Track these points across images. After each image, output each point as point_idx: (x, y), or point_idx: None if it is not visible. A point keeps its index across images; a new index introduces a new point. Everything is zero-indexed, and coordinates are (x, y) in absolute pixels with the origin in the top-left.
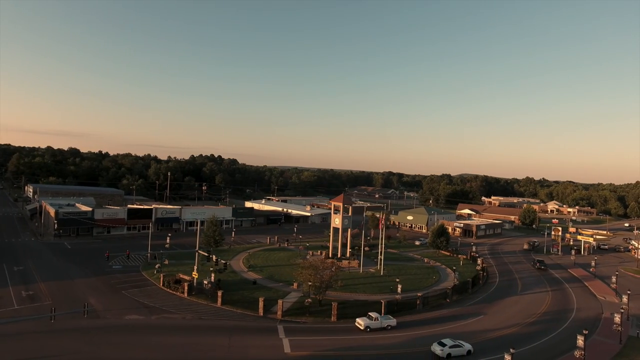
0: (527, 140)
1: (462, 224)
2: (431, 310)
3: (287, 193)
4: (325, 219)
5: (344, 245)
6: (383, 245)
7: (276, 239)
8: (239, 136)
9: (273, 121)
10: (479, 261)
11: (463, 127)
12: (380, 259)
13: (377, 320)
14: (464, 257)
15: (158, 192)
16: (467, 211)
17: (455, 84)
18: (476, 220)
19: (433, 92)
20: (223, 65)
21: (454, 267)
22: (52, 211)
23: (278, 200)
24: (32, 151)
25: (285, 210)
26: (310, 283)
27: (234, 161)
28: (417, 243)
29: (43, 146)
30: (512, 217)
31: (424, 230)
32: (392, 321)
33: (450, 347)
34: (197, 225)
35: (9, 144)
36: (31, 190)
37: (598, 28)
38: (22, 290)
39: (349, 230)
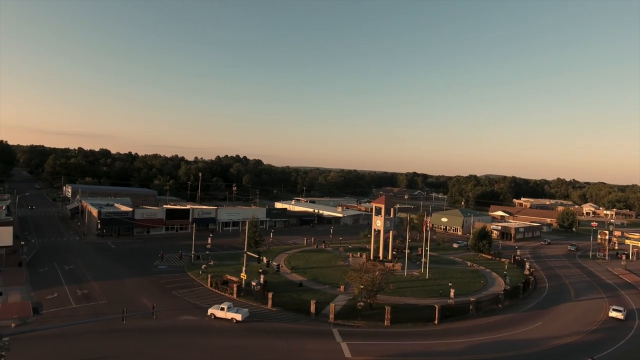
0: (553, 140)
1: (499, 227)
2: (484, 315)
3: (313, 194)
4: (357, 220)
5: (386, 248)
6: (428, 249)
7: (312, 240)
8: (259, 137)
9: (293, 122)
10: (527, 265)
11: (487, 127)
12: (425, 262)
13: (225, 310)
14: (508, 260)
15: (190, 192)
16: (499, 213)
17: (476, 83)
18: (514, 223)
19: (454, 91)
20: (238, 65)
21: (505, 272)
22: (94, 211)
23: (306, 201)
24: (65, 152)
25: (316, 211)
26: (362, 286)
27: (259, 162)
28: (456, 245)
29: (72, 147)
30: (549, 220)
31: (459, 233)
32: (239, 314)
33: None
34: (240, 226)
35: (43, 145)
36: (70, 191)
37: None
38: (77, 289)
39: (391, 232)
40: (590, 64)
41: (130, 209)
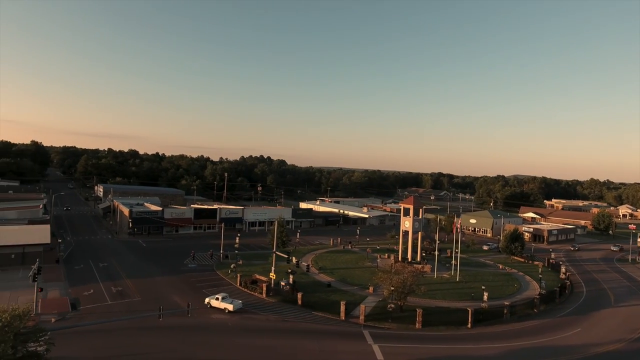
0: (585, 140)
1: (531, 229)
2: (519, 320)
3: (337, 194)
4: (383, 221)
5: (414, 249)
6: (458, 251)
7: (339, 240)
8: (282, 137)
9: (315, 122)
10: (562, 269)
11: (514, 126)
12: (455, 264)
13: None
14: (541, 264)
15: (216, 192)
16: (530, 215)
17: (503, 81)
18: (546, 225)
19: (479, 89)
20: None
21: (540, 276)
22: (126, 211)
23: (330, 202)
24: (95, 153)
25: (342, 211)
26: (392, 288)
27: (283, 162)
28: (486, 248)
29: (101, 148)
30: (583, 222)
31: (489, 235)
32: (231, 305)
33: None
34: (266, 226)
35: (75, 146)
36: (101, 190)
37: None
38: (112, 286)
39: (419, 233)
40: (625, 60)
41: (160, 209)
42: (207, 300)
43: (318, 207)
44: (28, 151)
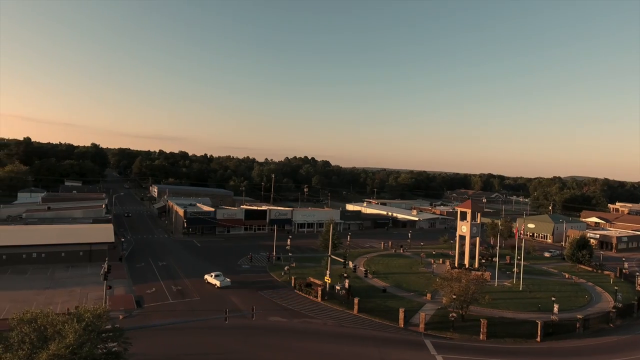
0: None
1: (597, 235)
2: (593, 335)
3: (383, 196)
4: (433, 224)
5: (472, 255)
6: (522, 258)
7: (390, 244)
8: (324, 137)
9: (359, 122)
10: (638, 280)
11: (570, 125)
12: (517, 272)
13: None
14: (612, 274)
15: (263, 193)
16: (594, 219)
17: (557, 79)
18: (614, 231)
19: (532, 88)
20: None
21: (616, 287)
22: (180, 211)
23: (377, 203)
24: (148, 154)
25: (391, 214)
26: (454, 296)
27: (327, 163)
28: (547, 255)
29: (152, 149)
30: None
31: (549, 240)
32: (218, 281)
33: None
34: (315, 228)
35: (129, 148)
36: (155, 190)
37: None
38: (172, 285)
39: (477, 239)
40: None
41: (213, 209)
42: (205, 276)
43: (365, 209)
44: (89, 153)
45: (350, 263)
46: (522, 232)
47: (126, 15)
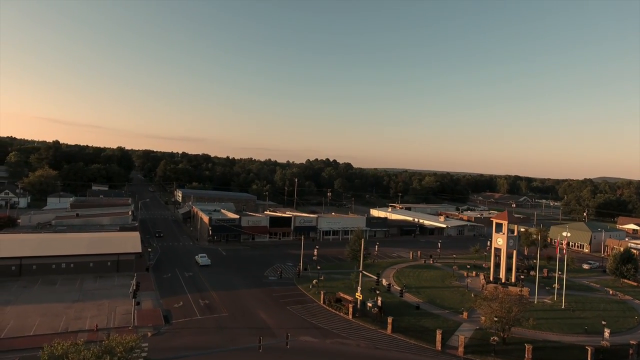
0: None
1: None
2: None
3: (406, 199)
4: (462, 231)
5: (508, 269)
6: (564, 273)
7: (419, 254)
8: (345, 138)
9: (380, 122)
10: None
11: (605, 123)
12: (557, 288)
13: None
14: None
15: (287, 197)
16: (631, 226)
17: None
18: None
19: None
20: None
21: None
22: (205, 218)
23: (402, 208)
24: (171, 157)
25: (417, 220)
26: (495, 318)
27: (349, 165)
28: (586, 267)
29: (175, 150)
30: None
31: (586, 250)
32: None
33: None
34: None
35: (153, 150)
36: (180, 195)
37: None
38: (199, 299)
39: (514, 252)
40: None
41: (237, 216)
42: (196, 258)
43: (391, 214)
44: (115, 156)
45: (384, 280)
46: (564, 245)
47: (152, 19)
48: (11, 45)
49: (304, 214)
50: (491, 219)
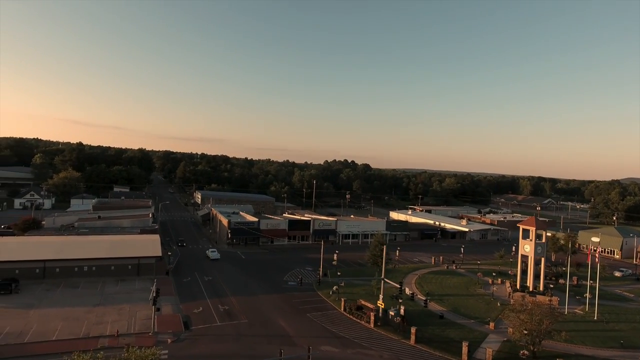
0: None
1: None
2: None
3: (427, 201)
4: (485, 235)
5: (536, 277)
6: (597, 283)
7: (441, 259)
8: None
9: (397, 122)
10: None
11: (633, 122)
12: (590, 297)
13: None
14: None
15: (305, 199)
16: None
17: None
18: None
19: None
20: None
21: None
22: (224, 221)
23: (422, 210)
24: (191, 158)
25: (439, 223)
26: (525, 332)
27: (368, 166)
28: (618, 274)
29: (194, 151)
30: None
31: (617, 256)
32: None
33: None
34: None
35: (170, 150)
36: (199, 197)
37: None
38: (219, 304)
39: (543, 259)
40: None
41: (256, 219)
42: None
43: (411, 217)
44: (135, 158)
45: (407, 289)
46: (597, 253)
47: (168, 22)
48: (35, 49)
49: (323, 217)
50: (518, 225)
